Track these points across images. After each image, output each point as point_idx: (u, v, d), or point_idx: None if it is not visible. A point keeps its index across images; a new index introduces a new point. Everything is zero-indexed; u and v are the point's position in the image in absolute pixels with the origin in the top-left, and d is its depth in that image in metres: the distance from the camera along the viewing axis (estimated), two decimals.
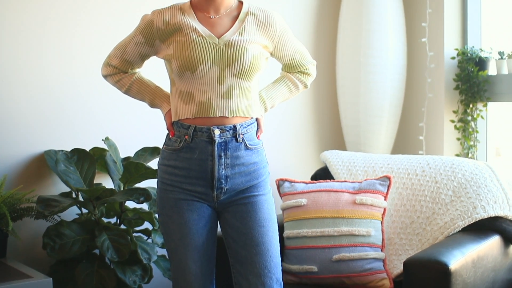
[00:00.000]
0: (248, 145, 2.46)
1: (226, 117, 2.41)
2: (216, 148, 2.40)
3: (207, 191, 2.44)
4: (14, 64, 3.16)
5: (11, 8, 3.13)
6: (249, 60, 2.40)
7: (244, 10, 2.50)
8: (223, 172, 2.42)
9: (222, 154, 2.41)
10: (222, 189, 2.44)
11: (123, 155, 3.38)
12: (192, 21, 2.43)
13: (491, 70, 4.02)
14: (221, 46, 2.40)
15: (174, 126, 2.47)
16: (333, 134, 4.44)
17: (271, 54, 2.57)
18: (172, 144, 2.47)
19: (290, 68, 2.68)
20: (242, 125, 2.44)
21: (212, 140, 2.40)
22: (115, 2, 3.45)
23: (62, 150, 3.20)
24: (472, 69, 3.99)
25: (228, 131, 2.41)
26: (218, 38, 2.41)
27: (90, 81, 3.33)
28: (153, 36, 2.46)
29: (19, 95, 3.18)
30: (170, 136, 2.49)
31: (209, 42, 2.39)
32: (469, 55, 4.03)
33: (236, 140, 2.43)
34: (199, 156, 2.41)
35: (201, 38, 2.39)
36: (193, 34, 2.40)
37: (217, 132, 2.39)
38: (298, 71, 2.69)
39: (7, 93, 3.14)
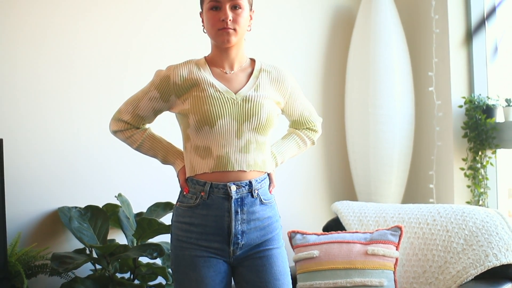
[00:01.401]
0: (262, 200, 2.47)
1: (244, 171, 2.42)
2: (233, 204, 2.40)
3: (223, 247, 2.44)
4: (25, 121, 3.21)
5: (17, 62, 3.20)
6: (265, 115, 2.44)
7: (257, 67, 2.54)
8: (239, 227, 2.42)
9: (239, 210, 2.42)
10: (238, 244, 2.44)
11: (135, 210, 3.40)
12: (209, 77, 2.46)
13: (499, 117, 4.05)
14: (239, 101, 2.42)
15: (189, 183, 2.47)
16: (344, 184, 4.46)
17: (282, 111, 2.61)
18: (187, 201, 2.46)
19: (299, 124, 2.72)
20: (256, 180, 2.45)
21: (229, 196, 2.40)
22: (124, 57, 3.52)
23: (76, 207, 3.22)
24: (479, 117, 4.02)
25: (244, 187, 2.42)
26: (235, 94, 2.44)
27: (102, 138, 3.36)
28: (169, 91, 2.46)
29: (32, 153, 3.22)
30: (185, 193, 2.48)
31: (227, 97, 2.42)
32: (476, 103, 4.07)
33: (252, 196, 2.44)
34: (216, 212, 2.41)
35: (218, 93, 2.42)
36: (211, 89, 2.42)
37: (233, 188, 2.40)
38: (306, 128, 2.73)
39: (19, 151, 3.19)
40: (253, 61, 2.58)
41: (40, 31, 3.26)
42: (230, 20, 2.39)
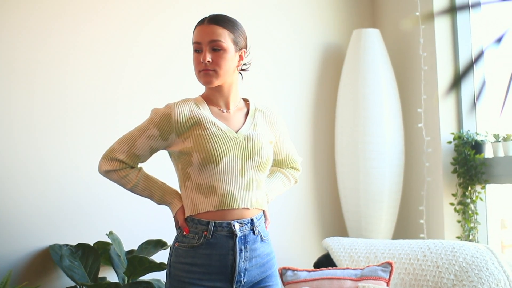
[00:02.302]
0: (263, 236, 2.49)
1: (248, 208, 2.44)
2: (237, 243, 2.41)
3: (226, 285, 2.43)
4: (17, 159, 3.22)
5: (15, 98, 3.22)
6: (266, 153, 2.49)
7: (252, 106, 2.59)
8: (242, 265, 2.43)
9: (243, 248, 2.42)
10: (241, 282, 2.44)
11: (126, 248, 3.40)
12: (209, 115, 2.48)
13: (488, 153, 4.07)
14: (241, 140, 2.46)
15: (189, 222, 2.44)
16: (334, 220, 4.47)
17: None
18: (188, 241, 2.43)
19: (283, 164, 2.78)
20: (256, 217, 2.48)
21: (233, 235, 2.41)
22: (116, 94, 3.54)
23: (67, 245, 3.23)
24: (468, 153, 4.05)
25: (246, 224, 2.43)
26: (235, 132, 2.47)
27: (93, 176, 3.36)
28: (170, 129, 2.44)
29: (23, 191, 3.23)
30: (185, 233, 2.44)
31: (230, 136, 2.45)
32: (465, 139, 4.09)
33: (254, 233, 2.46)
34: (220, 251, 2.41)
35: (221, 131, 2.44)
36: (213, 128, 2.44)
37: (237, 226, 2.41)
38: (290, 167, 2.80)
39: (11, 188, 3.19)
40: (246, 101, 2.62)
41: (33, 65, 3.29)
42: (208, 61, 2.42)
